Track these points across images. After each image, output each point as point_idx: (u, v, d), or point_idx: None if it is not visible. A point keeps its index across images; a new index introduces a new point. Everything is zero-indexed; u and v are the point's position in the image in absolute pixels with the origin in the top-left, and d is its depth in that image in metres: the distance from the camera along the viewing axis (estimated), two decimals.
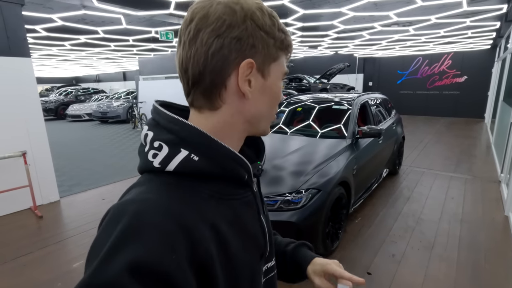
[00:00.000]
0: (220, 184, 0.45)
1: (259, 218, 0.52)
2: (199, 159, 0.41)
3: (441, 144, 6.58)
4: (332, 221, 2.44)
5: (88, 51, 7.87)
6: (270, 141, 3.19)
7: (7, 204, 3.32)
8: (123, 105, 11.27)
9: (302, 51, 11.64)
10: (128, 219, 0.35)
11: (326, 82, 11.38)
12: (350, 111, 3.32)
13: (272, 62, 0.46)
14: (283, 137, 3.26)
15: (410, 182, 4.19)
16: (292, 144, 2.98)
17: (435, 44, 8.57)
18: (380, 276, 2.21)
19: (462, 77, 10.88)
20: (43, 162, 3.57)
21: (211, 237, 0.40)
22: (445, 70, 11.16)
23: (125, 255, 0.32)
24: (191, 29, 0.42)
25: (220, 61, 0.42)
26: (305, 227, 2.11)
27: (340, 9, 4.29)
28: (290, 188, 2.20)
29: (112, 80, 20.96)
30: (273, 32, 0.45)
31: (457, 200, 3.54)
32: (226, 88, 0.44)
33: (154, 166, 0.42)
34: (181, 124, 0.42)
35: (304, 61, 14.31)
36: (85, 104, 13.01)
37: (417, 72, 11.80)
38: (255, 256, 0.50)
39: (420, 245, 2.61)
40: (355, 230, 2.88)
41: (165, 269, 0.33)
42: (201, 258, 0.37)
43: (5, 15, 3.13)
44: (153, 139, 0.43)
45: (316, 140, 3.04)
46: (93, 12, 4.19)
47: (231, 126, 0.46)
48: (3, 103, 3.19)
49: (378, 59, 12.79)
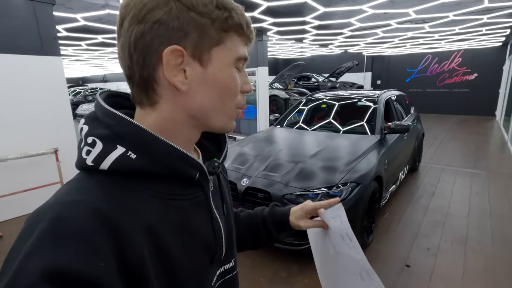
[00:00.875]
0: (164, 183, 0.41)
1: (213, 219, 0.47)
2: (136, 157, 0.38)
3: (456, 141, 6.58)
4: (367, 215, 2.47)
5: (102, 50, 7.94)
6: (298, 137, 3.24)
7: (38, 200, 3.37)
8: None
9: (311, 50, 11.63)
10: (45, 224, 0.31)
11: (334, 80, 11.40)
12: (376, 108, 3.35)
13: (213, 47, 0.40)
14: (310, 133, 3.30)
15: (432, 178, 4.20)
16: (321, 140, 3.01)
17: (447, 41, 8.56)
18: (419, 269, 2.23)
19: (472, 74, 10.84)
20: (71, 160, 3.63)
21: (146, 241, 0.37)
22: (455, 68, 11.12)
23: (41, 261, 0.29)
24: (117, 19, 0.39)
25: (142, 50, 0.37)
26: None
27: (361, 7, 4.32)
28: (330, 182, 2.23)
29: (119, 80, 21.05)
30: (209, 11, 0.38)
31: (482, 196, 3.55)
32: (156, 81, 0.39)
33: (87, 164, 0.37)
34: (118, 119, 0.38)
35: (312, 60, 14.32)
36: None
37: (426, 70, 11.78)
38: (204, 260, 0.46)
39: (453, 239, 2.63)
40: (385, 225, 2.91)
41: (90, 277, 0.30)
42: (133, 265, 0.34)
43: (38, 14, 3.19)
44: (87, 134, 0.39)
45: (345, 136, 3.07)
46: (116, 12, 4.25)
47: (174, 123, 0.42)
48: (35, 101, 3.24)
49: (386, 57, 12.77)
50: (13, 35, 3.05)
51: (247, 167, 2.55)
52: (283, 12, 4.56)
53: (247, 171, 2.49)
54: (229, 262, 0.54)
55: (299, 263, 2.31)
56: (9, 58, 3.03)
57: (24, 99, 3.16)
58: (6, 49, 3.01)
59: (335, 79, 11.49)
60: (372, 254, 2.42)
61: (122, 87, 19.92)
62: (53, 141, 3.40)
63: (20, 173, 3.21)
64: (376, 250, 2.48)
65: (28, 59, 3.16)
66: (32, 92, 3.22)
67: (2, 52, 2.99)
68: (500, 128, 7.95)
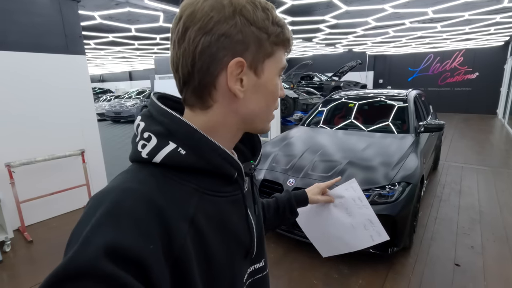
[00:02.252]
0: (207, 179, 0.44)
1: (247, 218, 0.50)
2: (186, 153, 0.41)
3: (467, 139, 6.66)
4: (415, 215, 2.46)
5: (108, 50, 7.80)
6: (333, 138, 3.21)
7: (65, 204, 3.29)
8: (137, 104, 11.23)
9: (314, 49, 11.64)
10: (107, 205, 0.35)
11: (338, 79, 11.43)
12: (406, 107, 3.35)
13: (266, 59, 0.44)
14: (343, 133, 3.28)
15: (454, 176, 4.23)
16: (360, 140, 2.98)
17: (452, 41, 8.66)
18: (470, 268, 2.23)
19: (473, 73, 11.00)
20: (96, 161, 3.55)
21: (189, 233, 0.39)
22: (457, 67, 11.28)
23: (104, 237, 0.32)
24: (179, 27, 0.41)
25: (207, 60, 0.40)
26: (400, 218, 2.13)
27: (383, 6, 4.32)
28: (381, 182, 2.21)
29: (117, 79, 20.77)
30: (266, 26, 0.42)
31: (508, 193, 3.58)
32: (216, 87, 0.42)
33: (141, 157, 0.41)
34: (171, 117, 0.42)
35: (314, 59, 14.32)
36: (95, 104, 12.92)
37: (428, 69, 11.91)
38: (238, 255, 0.49)
39: (494, 237, 2.64)
40: (422, 224, 2.90)
41: (142, 256, 0.33)
42: (177, 254, 0.37)
43: (64, 12, 3.10)
44: (143, 130, 0.43)
45: (382, 135, 3.05)
46: (137, 10, 4.16)
47: (223, 125, 0.45)
48: (61, 101, 3.15)
49: (389, 56, 12.86)
50: (38, 34, 2.95)
51: (291, 167, 2.51)
52: (304, 11, 4.54)
53: (292, 172, 2.46)
54: (259, 262, 0.57)
55: (349, 264, 2.28)
56: (34, 57, 2.94)
57: (50, 99, 3.07)
58: (32, 47, 2.91)
59: (338, 78, 11.52)
60: (419, 253, 2.41)
61: (121, 87, 19.66)
62: (79, 143, 3.31)
63: (47, 175, 3.11)
64: (422, 250, 2.47)
65: (53, 58, 3.07)
66: (58, 92, 3.12)
67: (28, 50, 2.89)
68: (505, 126, 8.08)
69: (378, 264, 2.28)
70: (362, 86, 11.71)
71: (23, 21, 2.83)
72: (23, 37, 2.84)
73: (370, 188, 2.19)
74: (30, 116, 2.95)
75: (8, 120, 2.81)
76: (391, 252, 2.17)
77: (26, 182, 2.92)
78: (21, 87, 2.87)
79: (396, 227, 2.13)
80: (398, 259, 2.34)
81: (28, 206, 2.91)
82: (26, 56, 2.88)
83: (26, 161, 2.81)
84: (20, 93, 2.87)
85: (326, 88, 11.34)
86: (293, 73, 9.54)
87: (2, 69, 2.74)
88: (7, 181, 2.69)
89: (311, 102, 8.51)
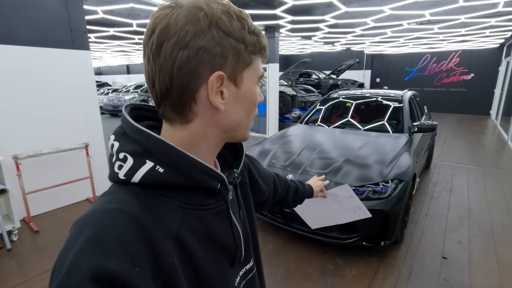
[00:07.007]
0: (189, 194, 0.44)
1: (232, 226, 0.51)
2: (164, 170, 0.40)
3: (459, 139, 6.83)
4: (406, 211, 2.59)
5: (108, 43, 7.80)
6: (330, 136, 3.33)
7: (70, 195, 3.38)
8: (135, 98, 11.23)
9: (312, 47, 11.72)
10: (90, 230, 0.35)
11: (336, 78, 11.53)
12: (401, 107, 3.47)
13: (245, 68, 0.44)
14: (340, 131, 3.40)
15: (446, 175, 4.39)
16: (356, 138, 3.11)
17: (448, 42, 8.79)
18: (456, 261, 2.38)
19: (469, 74, 11.18)
20: (99, 154, 3.62)
21: (175, 250, 0.40)
22: (453, 68, 11.44)
23: (89, 264, 0.32)
24: (153, 41, 0.39)
25: (187, 76, 0.39)
26: (392, 214, 2.26)
27: (382, 7, 4.41)
28: (375, 179, 2.34)
29: (114, 73, 20.65)
30: (243, 36, 0.42)
31: (496, 192, 3.75)
32: (196, 102, 0.42)
33: (119, 178, 0.41)
34: (146, 135, 0.41)
35: (312, 57, 14.40)
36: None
37: (424, 69, 12.07)
38: (225, 264, 0.50)
39: (480, 232, 2.80)
40: (413, 220, 3.05)
41: (130, 280, 0.33)
42: (165, 273, 0.37)
43: (69, 7, 3.14)
44: (118, 150, 0.42)
45: (376, 135, 3.17)
46: (140, 6, 4.21)
47: (205, 138, 0.45)
48: (66, 95, 3.21)
49: (386, 55, 12.99)
50: (44, 28, 3.00)
51: (290, 163, 2.62)
52: (304, 11, 4.62)
53: (291, 168, 2.57)
54: (248, 263, 0.58)
55: (343, 256, 2.42)
56: (40, 51, 2.99)
57: (55, 93, 3.13)
58: (39, 42, 2.97)
59: (336, 77, 11.62)
60: (409, 247, 2.56)
61: (118, 80, 19.58)
62: (83, 136, 3.38)
63: (52, 168, 3.19)
64: (412, 244, 2.62)
65: (59, 53, 3.12)
66: (63, 87, 3.18)
67: (36, 45, 2.94)
68: (497, 127, 8.28)
69: (371, 256, 2.42)
70: (360, 85, 11.83)
71: (31, 15, 2.88)
72: (31, 31, 2.89)
73: (365, 185, 2.31)
74: (37, 110, 3.01)
75: (16, 113, 2.88)
76: (383, 245, 2.30)
77: (32, 174, 3.00)
78: (29, 81, 2.93)
79: (388, 222, 2.26)
80: (389, 252, 2.48)
81: (34, 197, 3.00)
82: (34, 50, 2.93)
83: (32, 154, 2.89)
84: (28, 88, 2.93)
85: (324, 86, 11.45)
86: (292, 70, 9.62)
87: (11, 64, 2.80)
88: (14, 172, 2.77)
89: (309, 99, 8.62)
